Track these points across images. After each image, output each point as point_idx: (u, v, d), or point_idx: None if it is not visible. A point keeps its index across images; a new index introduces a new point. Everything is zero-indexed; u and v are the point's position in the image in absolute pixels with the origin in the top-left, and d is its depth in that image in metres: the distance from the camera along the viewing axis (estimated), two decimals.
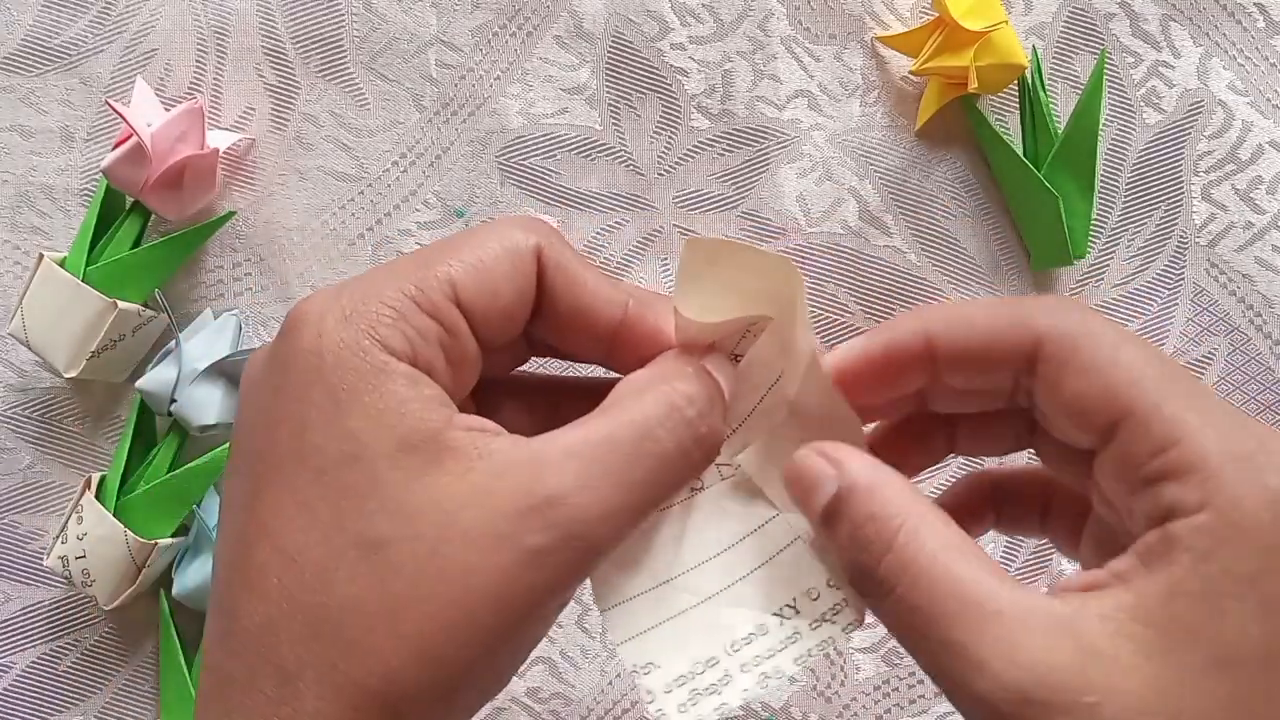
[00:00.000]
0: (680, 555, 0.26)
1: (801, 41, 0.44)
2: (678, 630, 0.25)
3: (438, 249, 0.24)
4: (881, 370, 0.24)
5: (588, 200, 0.44)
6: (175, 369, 0.41)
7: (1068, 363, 0.22)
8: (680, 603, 0.25)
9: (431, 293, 0.23)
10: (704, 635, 0.25)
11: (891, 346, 0.24)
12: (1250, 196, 0.44)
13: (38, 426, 0.44)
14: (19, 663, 0.44)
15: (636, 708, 0.44)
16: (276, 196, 0.44)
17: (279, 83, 0.44)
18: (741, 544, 0.26)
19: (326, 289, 0.23)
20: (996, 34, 0.41)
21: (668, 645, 0.25)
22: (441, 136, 0.44)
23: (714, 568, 0.26)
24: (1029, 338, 0.23)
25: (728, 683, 0.24)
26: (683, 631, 0.25)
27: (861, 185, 0.44)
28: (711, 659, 0.24)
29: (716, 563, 0.26)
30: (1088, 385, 0.22)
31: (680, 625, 0.25)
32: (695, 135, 0.44)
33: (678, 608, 0.25)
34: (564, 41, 0.44)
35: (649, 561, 0.25)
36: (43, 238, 0.44)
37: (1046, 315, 0.23)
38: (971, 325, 0.24)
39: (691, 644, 0.25)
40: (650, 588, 0.25)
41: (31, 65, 0.44)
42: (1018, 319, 0.23)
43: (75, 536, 0.41)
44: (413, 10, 0.44)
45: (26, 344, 0.41)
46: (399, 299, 0.23)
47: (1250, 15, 0.45)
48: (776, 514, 0.26)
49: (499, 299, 0.24)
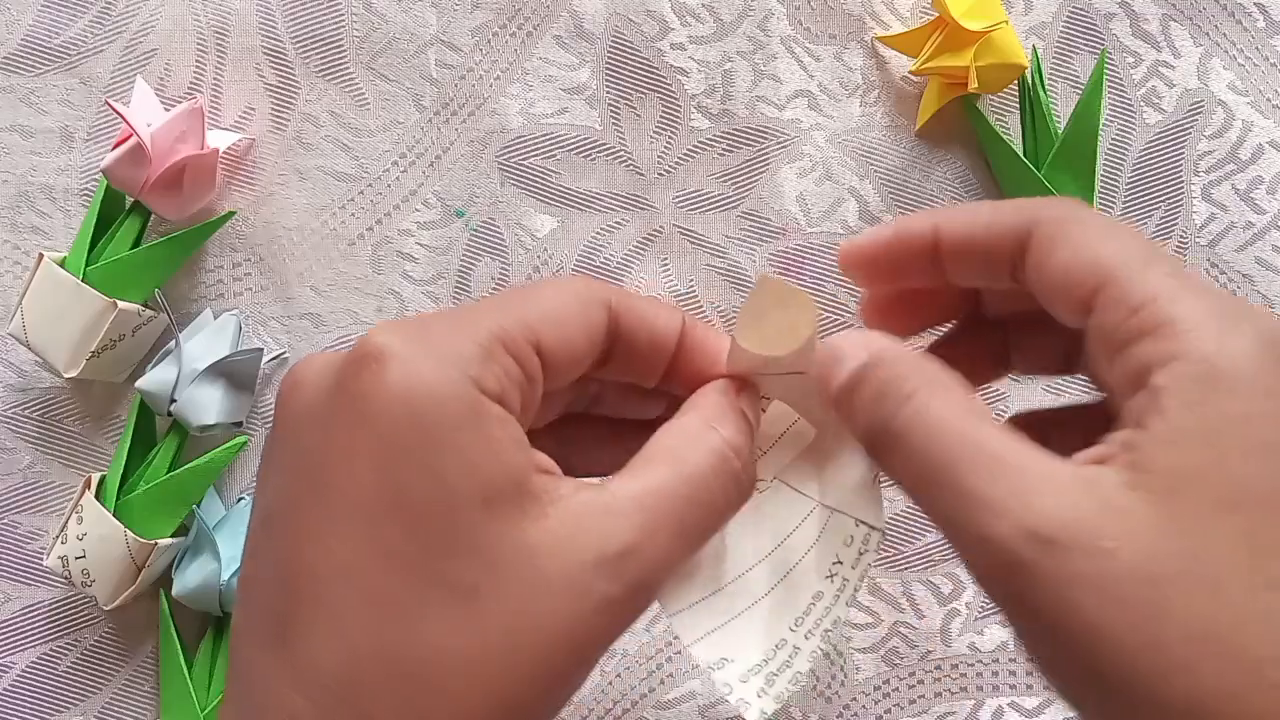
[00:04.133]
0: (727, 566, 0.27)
1: (801, 41, 0.44)
2: (742, 627, 0.26)
3: (516, 295, 0.24)
4: (890, 254, 0.26)
5: (588, 200, 0.44)
6: (175, 369, 0.41)
7: (1056, 240, 0.24)
8: (738, 605, 0.26)
9: (516, 335, 0.23)
10: (768, 624, 0.26)
11: (901, 233, 0.26)
12: (1250, 196, 0.44)
13: (38, 426, 0.44)
14: (19, 663, 0.44)
15: (636, 708, 0.44)
16: (276, 196, 0.44)
17: (279, 83, 0.44)
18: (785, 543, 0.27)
19: (396, 323, 0.23)
20: (996, 34, 0.41)
21: (736, 641, 0.26)
22: (441, 136, 0.44)
23: (762, 569, 0.27)
24: (1025, 223, 0.24)
25: (797, 654, 0.25)
26: (747, 627, 0.26)
27: (861, 185, 0.44)
28: (780, 641, 0.26)
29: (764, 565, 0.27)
30: (1071, 258, 0.23)
31: (743, 622, 0.26)
32: (695, 135, 0.44)
33: (737, 609, 0.26)
34: (564, 41, 0.44)
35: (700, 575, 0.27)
36: (43, 238, 0.44)
37: (1043, 206, 0.24)
38: (975, 215, 0.25)
39: (758, 635, 0.26)
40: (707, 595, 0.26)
41: (31, 65, 0.44)
42: (1018, 208, 0.25)
43: (75, 536, 0.41)
44: (413, 10, 0.44)
45: (26, 344, 0.41)
46: (488, 339, 0.23)
47: (1250, 15, 0.45)
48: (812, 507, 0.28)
49: (573, 347, 0.24)
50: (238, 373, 0.42)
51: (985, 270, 0.26)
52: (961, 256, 0.26)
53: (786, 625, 0.26)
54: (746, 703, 0.25)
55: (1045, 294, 0.24)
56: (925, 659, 0.44)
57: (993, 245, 0.25)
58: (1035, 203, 0.25)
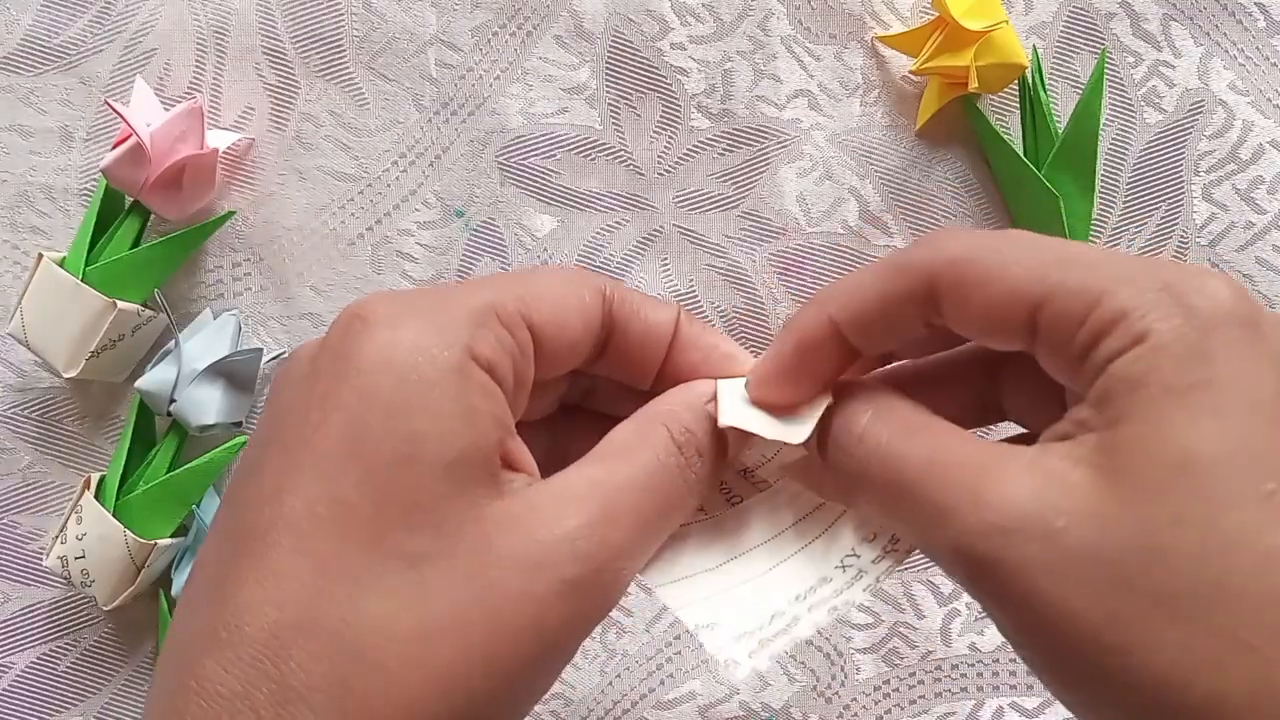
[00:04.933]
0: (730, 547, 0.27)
1: (802, 41, 0.44)
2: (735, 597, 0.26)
3: (512, 275, 0.24)
4: (800, 370, 0.25)
5: (588, 200, 0.44)
6: (175, 369, 0.41)
7: (964, 285, 0.22)
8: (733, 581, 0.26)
9: (510, 308, 0.23)
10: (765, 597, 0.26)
11: (800, 344, 0.25)
12: (1251, 196, 0.44)
13: (37, 426, 0.44)
14: (19, 663, 0.44)
15: (636, 708, 0.44)
16: (276, 196, 0.44)
17: (279, 82, 0.44)
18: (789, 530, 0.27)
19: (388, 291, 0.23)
20: (997, 34, 0.41)
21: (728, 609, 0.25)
22: (441, 136, 0.44)
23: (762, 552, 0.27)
24: (922, 279, 0.23)
25: (796, 623, 0.25)
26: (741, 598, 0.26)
27: (862, 185, 0.44)
28: (777, 612, 0.25)
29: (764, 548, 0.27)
30: (991, 294, 0.22)
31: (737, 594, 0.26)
32: (695, 135, 0.44)
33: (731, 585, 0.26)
34: (564, 41, 0.44)
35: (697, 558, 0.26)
36: (42, 238, 0.44)
37: (928, 254, 0.23)
38: (862, 291, 0.24)
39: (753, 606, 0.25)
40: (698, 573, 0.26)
41: (31, 65, 0.44)
42: (900, 268, 0.23)
43: (75, 536, 0.41)
44: (412, 10, 0.44)
45: (26, 344, 0.41)
46: (482, 306, 0.22)
47: (1251, 15, 0.44)
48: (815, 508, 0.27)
49: (567, 329, 0.24)
50: (237, 373, 0.42)
51: (901, 334, 0.24)
52: (870, 335, 0.24)
53: (785, 600, 0.26)
54: (736, 661, 0.24)
55: (977, 333, 0.23)
56: (925, 659, 0.44)
57: (895, 314, 0.24)
58: (914, 253, 0.23)
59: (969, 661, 0.44)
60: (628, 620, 0.44)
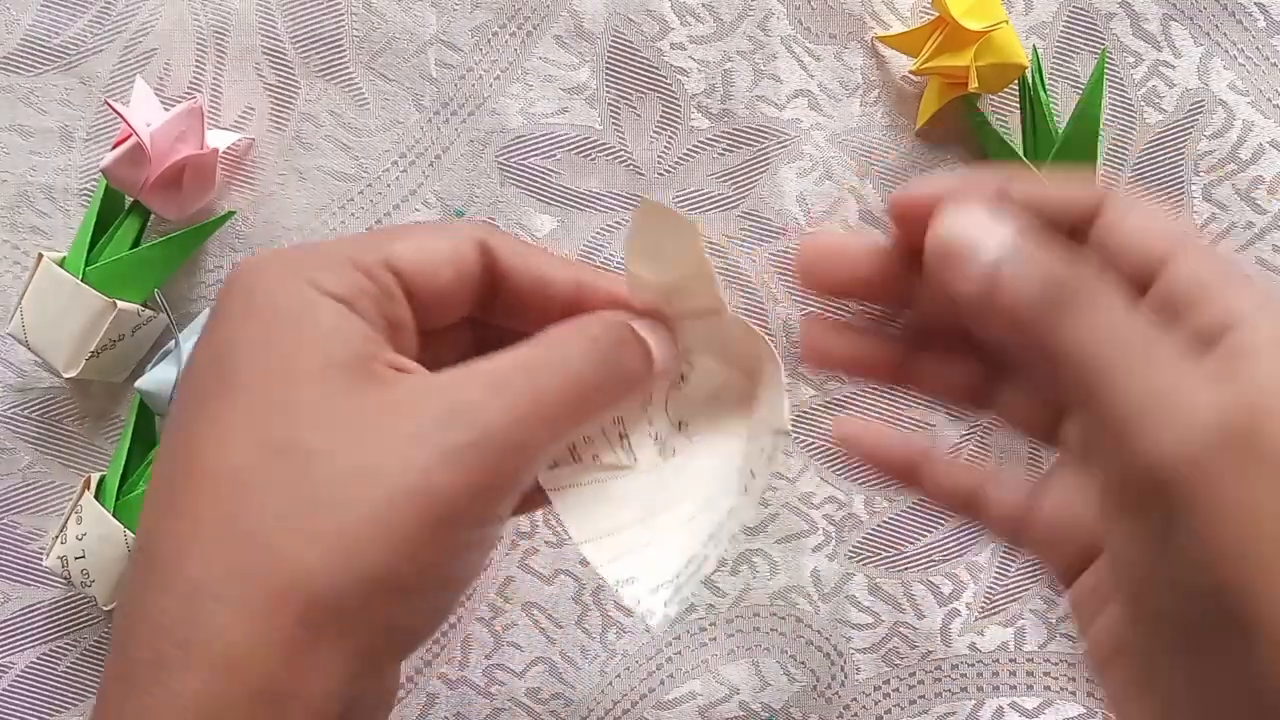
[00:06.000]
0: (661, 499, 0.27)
1: (801, 41, 0.44)
2: (655, 553, 0.26)
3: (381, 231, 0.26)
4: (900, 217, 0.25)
5: (588, 200, 0.44)
6: (175, 369, 0.41)
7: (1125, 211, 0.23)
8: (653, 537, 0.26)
9: (366, 256, 0.24)
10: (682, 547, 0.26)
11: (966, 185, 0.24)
12: (1251, 196, 0.44)
13: (37, 426, 0.44)
14: (19, 663, 0.44)
15: (636, 708, 0.44)
16: (276, 196, 0.44)
17: (279, 82, 0.44)
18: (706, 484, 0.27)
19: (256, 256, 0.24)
20: (997, 34, 0.41)
21: (647, 564, 0.26)
22: (441, 136, 0.44)
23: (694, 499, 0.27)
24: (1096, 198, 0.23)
25: (705, 561, 0.25)
26: (661, 552, 0.26)
27: (861, 185, 0.44)
28: (692, 556, 0.26)
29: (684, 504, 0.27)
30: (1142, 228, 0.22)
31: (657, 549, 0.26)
32: (695, 135, 0.44)
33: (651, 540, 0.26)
34: (564, 41, 0.44)
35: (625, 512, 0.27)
36: (42, 238, 0.44)
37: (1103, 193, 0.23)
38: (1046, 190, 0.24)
39: (672, 557, 0.26)
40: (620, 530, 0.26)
41: (31, 65, 0.44)
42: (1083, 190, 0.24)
43: (75, 537, 0.41)
44: (412, 10, 0.44)
45: (26, 344, 0.41)
46: (336, 255, 0.24)
47: (1251, 15, 0.44)
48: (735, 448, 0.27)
49: (437, 277, 0.25)
50: None
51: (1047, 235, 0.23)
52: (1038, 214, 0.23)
53: (699, 542, 0.26)
54: (652, 611, 0.25)
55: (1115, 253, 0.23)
56: (925, 659, 0.44)
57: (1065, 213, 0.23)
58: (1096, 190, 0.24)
59: (969, 661, 0.44)
60: (627, 620, 0.44)
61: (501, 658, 0.44)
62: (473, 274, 0.26)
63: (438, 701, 0.44)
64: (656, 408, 0.28)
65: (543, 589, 0.44)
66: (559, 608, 0.44)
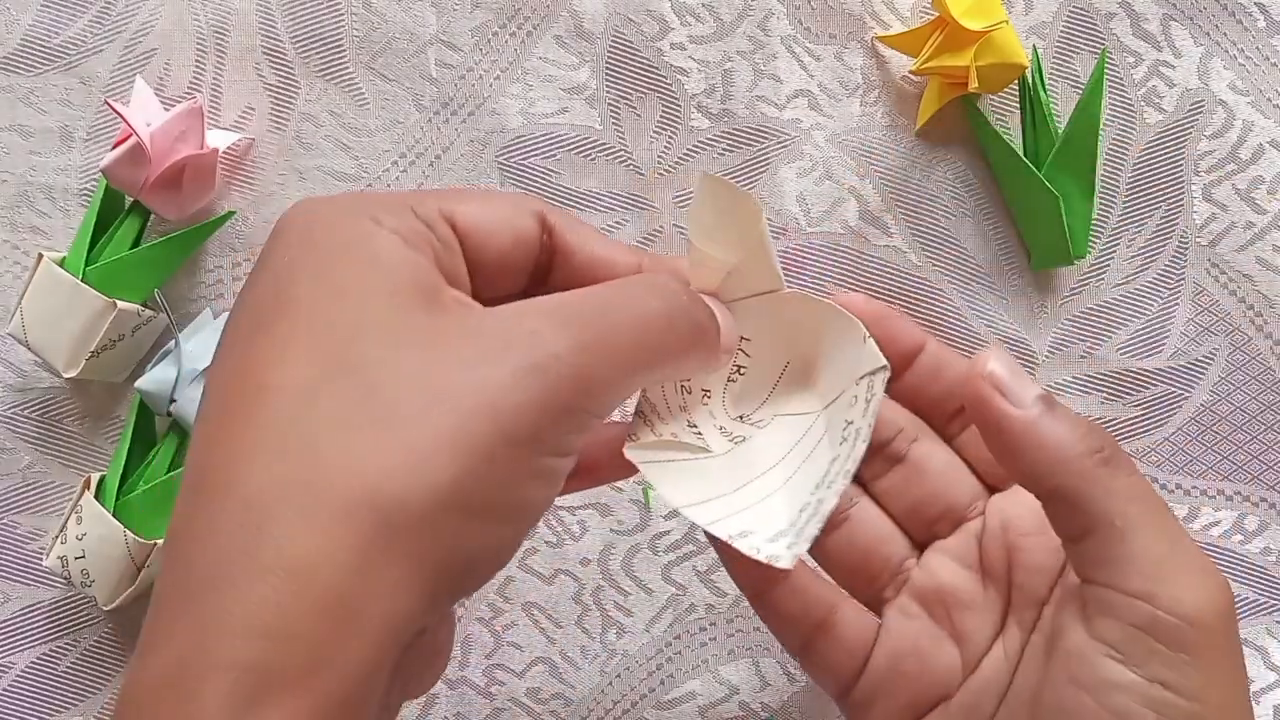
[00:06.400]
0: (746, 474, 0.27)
1: (801, 41, 0.44)
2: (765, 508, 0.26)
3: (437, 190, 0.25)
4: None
5: (588, 200, 0.44)
6: (175, 369, 0.41)
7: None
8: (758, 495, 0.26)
9: (426, 205, 0.24)
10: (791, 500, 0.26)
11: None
12: (1251, 196, 0.44)
13: (37, 426, 0.44)
14: (19, 663, 0.44)
15: (636, 708, 0.44)
16: (276, 196, 0.44)
17: (279, 82, 0.44)
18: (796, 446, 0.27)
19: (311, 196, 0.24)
20: (997, 34, 0.41)
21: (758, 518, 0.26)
22: (441, 136, 0.44)
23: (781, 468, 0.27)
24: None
25: (822, 504, 0.25)
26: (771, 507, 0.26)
27: (861, 185, 0.44)
28: (804, 505, 0.26)
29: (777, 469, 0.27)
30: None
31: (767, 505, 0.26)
32: (695, 135, 0.44)
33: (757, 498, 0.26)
34: (564, 41, 0.44)
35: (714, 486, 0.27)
36: (42, 238, 0.44)
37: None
38: None
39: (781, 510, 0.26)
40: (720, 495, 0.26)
41: (31, 65, 0.44)
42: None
43: (75, 537, 0.41)
44: (413, 10, 0.44)
45: (26, 344, 0.41)
46: (395, 201, 0.23)
47: (1251, 15, 0.44)
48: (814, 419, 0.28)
49: (495, 237, 0.24)
50: None
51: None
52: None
53: (808, 492, 0.26)
54: (777, 556, 0.24)
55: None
56: None
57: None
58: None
59: None
60: (627, 620, 0.44)
61: (501, 658, 0.44)
62: (531, 243, 0.25)
63: (438, 701, 0.44)
64: (716, 402, 0.28)
65: (543, 589, 0.44)
66: (559, 608, 0.44)
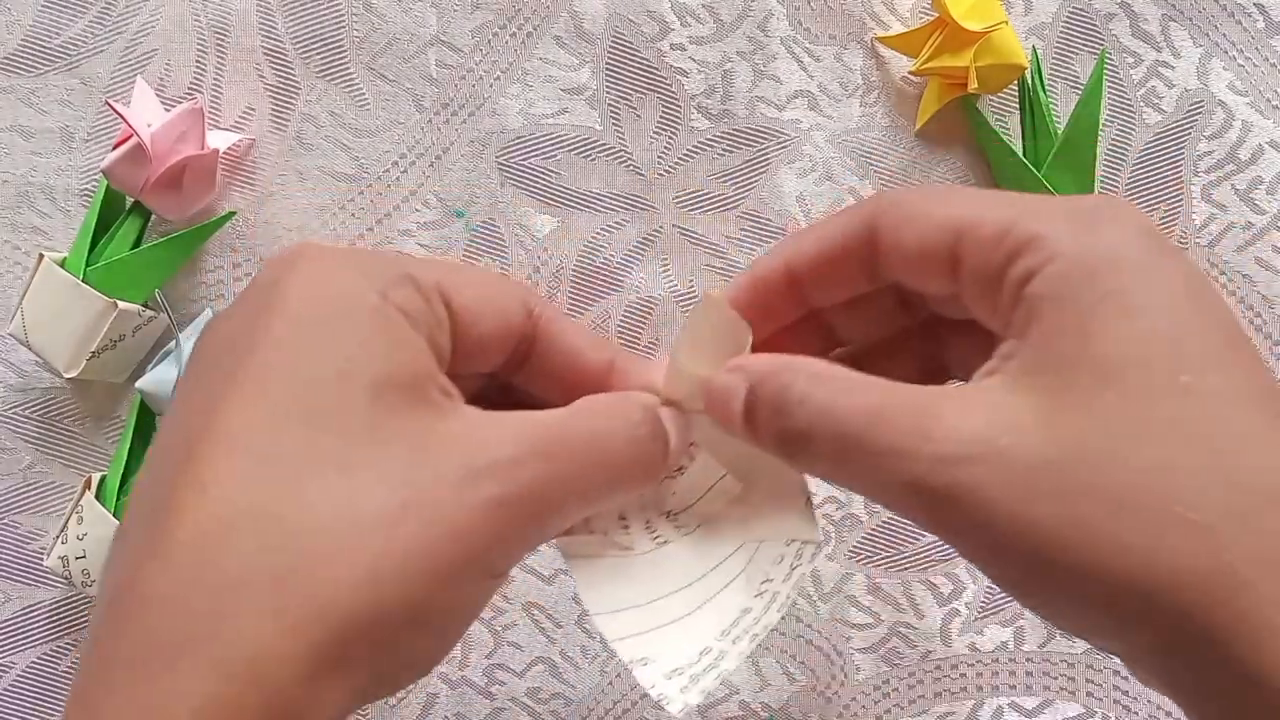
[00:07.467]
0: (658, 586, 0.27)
1: (801, 42, 0.44)
2: (665, 636, 0.26)
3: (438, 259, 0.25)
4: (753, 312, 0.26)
5: (588, 200, 0.44)
6: (175, 369, 0.41)
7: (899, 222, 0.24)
8: (662, 619, 0.27)
9: (425, 280, 0.24)
10: (692, 637, 0.26)
11: (755, 285, 0.27)
12: (1250, 197, 0.44)
13: (38, 426, 0.44)
14: (19, 663, 0.44)
15: (636, 708, 0.44)
16: (276, 196, 0.44)
17: (279, 83, 0.44)
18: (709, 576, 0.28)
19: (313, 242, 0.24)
20: (996, 34, 0.41)
21: (659, 646, 0.26)
22: (441, 137, 0.44)
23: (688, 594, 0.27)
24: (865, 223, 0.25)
25: (724, 657, 0.26)
26: (670, 637, 0.26)
27: (861, 185, 0.44)
28: (705, 649, 0.26)
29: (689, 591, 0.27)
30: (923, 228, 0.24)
31: (670, 631, 0.26)
32: (695, 135, 0.44)
33: (660, 622, 0.26)
34: (564, 42, 0.44)
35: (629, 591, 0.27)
36: (43, 238, 0.44)
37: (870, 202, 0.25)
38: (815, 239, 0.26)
39: (683, 644, 0.26)
40: (630, 607, 0.27)
41: (31, 65, 0.44)
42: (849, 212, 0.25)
43: (75, 537, 0.41)
44: (413, 10, 0.44)
45: (26, 344, 0.41)
46: (399, 270, 0.23)
47: (1250, 15, 0.45)
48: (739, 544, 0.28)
49: (485, 320, 0.25)
50: None
51: (847, 284, 0.26)
52: (819, 280, 0.26)
53: (712, 636, 0.26)
54: (668, 697, 0.25)
55: (911, 273, 0.25)
56: (925, 659, 0.44)
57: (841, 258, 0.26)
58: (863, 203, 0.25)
59: (969, 661, 0.44)
60: None
61: (501, 658, 0.44)
62: (516, 332, 0.26)
63: (438, 701, 0.44)
64: (650, 494, 0.29)
65: (543, 589, 0.44)
66: (559, 608, 0.44)
